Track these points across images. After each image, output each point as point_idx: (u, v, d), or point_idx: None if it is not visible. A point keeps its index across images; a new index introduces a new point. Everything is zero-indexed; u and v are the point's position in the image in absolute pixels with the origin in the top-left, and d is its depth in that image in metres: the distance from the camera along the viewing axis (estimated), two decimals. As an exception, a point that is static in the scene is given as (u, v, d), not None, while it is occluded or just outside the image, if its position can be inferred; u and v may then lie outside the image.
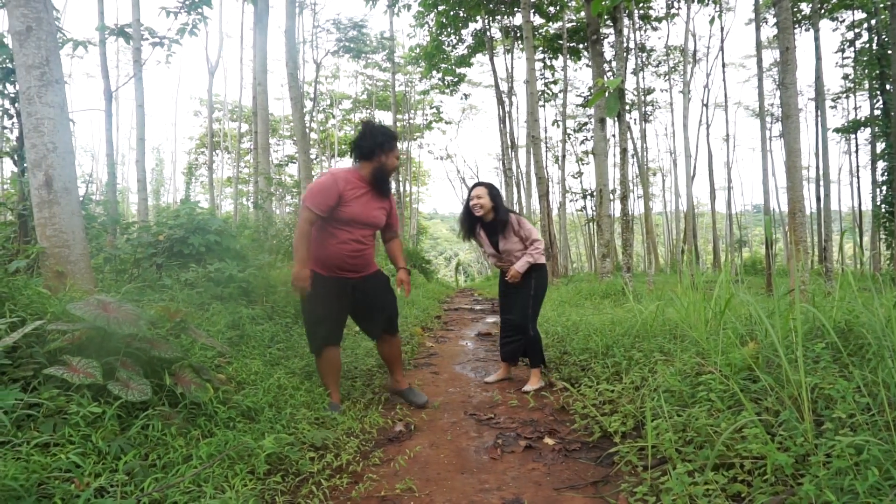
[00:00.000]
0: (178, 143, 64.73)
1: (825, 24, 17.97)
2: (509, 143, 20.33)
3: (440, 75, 19.69)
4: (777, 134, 25.67)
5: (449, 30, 17.48)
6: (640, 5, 17.05)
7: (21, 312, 2.68)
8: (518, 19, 17.08)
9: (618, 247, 17.75)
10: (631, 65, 17.19)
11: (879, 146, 16.45)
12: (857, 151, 22.33)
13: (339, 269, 3.35)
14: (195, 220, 5.09)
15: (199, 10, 7.34)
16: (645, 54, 21.66)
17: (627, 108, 17.91)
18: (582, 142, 25.56)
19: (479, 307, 10.70)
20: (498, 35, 19.58)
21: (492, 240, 4.14)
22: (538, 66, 19.69)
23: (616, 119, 9.81)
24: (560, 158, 23.00)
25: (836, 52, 19.04)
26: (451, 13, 16.60)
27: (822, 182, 13.49)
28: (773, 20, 17.04)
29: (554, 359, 4.61)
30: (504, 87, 20.45)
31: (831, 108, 23.74)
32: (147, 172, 9.91)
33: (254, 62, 10.11)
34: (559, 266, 17.48)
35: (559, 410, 3.49)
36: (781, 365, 2.36)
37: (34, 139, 3.37)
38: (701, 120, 26.76)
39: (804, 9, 15.75)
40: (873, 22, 14.99)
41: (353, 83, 32.32)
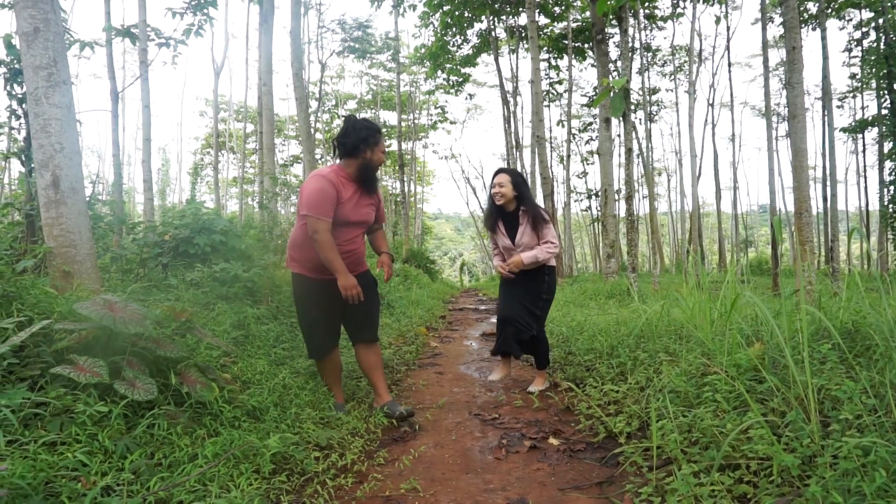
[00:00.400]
0: (183, 144, 65.14)
1: (832, 23, 17.93)
2: (514, 143, 20.31)
3: (445, 75, 19.67)
4: (783, 134, 25.59)
5: (454, 30, 17.46)
6: (646, 5, 17.00)
7: (28, 312, 2.70)
8: (523, 19, 17.09)
9: (623, 247, 17.71)
10: (636, 64, 17.17)
11: (887, 146, 16.35)
12: (864, 151, 22.23)
13: (331, 272, 3.17)
14: (201, 220, 5.11)
15: (205, 11, 7.38)
16: (650, 54, 21.59)
17: (633, 107, 17.86)
18: (587, 142, 25.54)
19: (483, 307, 10.70)
20: (503, 35, 19.57)
21: (510, 232, 3.89)
22: (543, 65, 19.67)
23: (621, 119, 9.79)
24: (565, 158, 23.01)
25: (843, 51, 18.95)
26: (456, 13, 16.59)
27: (828, 182, 13.41)
28: (779, 19, 16.97)
29: (559, 359, 4.60)
30: (509, 87, 20.45)
31: (838, 107, 23.60)
32: (153, 173, 9.95)
33: (259, 62, 10.13)
34: (564, 266, 17.46)
35: (564, 411, 3.48)
36: (788, 366, 2.35)
37: (41, 140, 3.39)
38: (706, 119, 26.62)
39: (811, 8, 15.66)
40: (881, 21, 14.90)
41: (357, 83, 32.39)
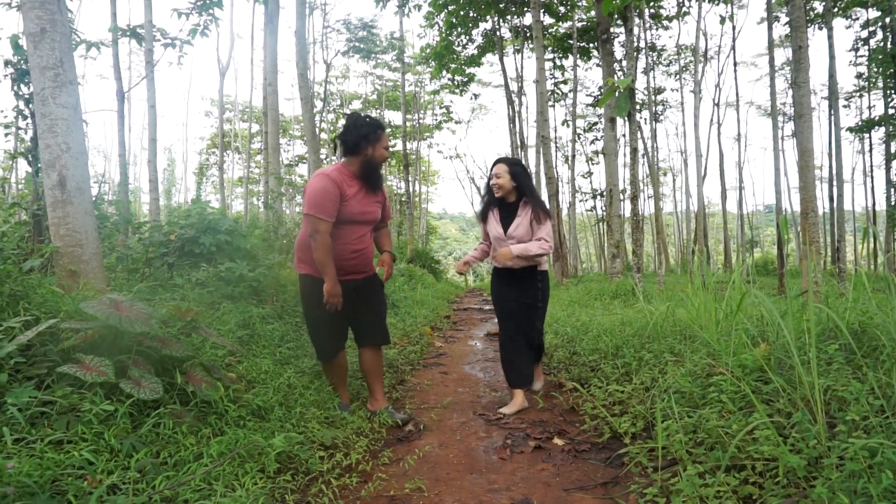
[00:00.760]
0: (189, 144, 65.28)
1: (839, 22, 17.81)
2: (519, 143, 20.28)
3: (450, 75, 19.68)
4: (789, 133, 25.46)
5: (459, 30, 17.46)
6: (651, 4, 16.96)
7: (35, 311, 2.71)
8: (528, 19, 17.05)
9: (628, 247, 17.65)
10: (641, 64, 17.11)
11: (894, 145, 16.28)
12: (871, 151, 22.15)
13: (341, 272, 3.16)
14: (206, 220, 5.12)
15: (210, 12, 7.39)
16: (656, 53, 21.55)
17: (638, 107, 17.80)
18: (592, 141, 25.49)
19: (488, 307, 10.69)
20: (508, 35, 19.55)
21: (504, 222, 3.62)
22: (548, 65, 19.65)
23: (626, 119, 9.77)
24: (570, 158, 22.96)
25: (849, 50, 18.88)
26: (461, 13, 16.59)
27: (835, 182, 13.35)
28: (785, 18, 16.89)
29: (564, 359, 4.60)
30: (514, 86, 20.43)
31: (844, 107, 23.51)
32: (159, 172, 9.99)
33: (264, 63, 10.15)
34: (569, 266, 17.43)
35: (568, 411, 3.48)
36: (794, 366, 2.34)
37: (48, 140, 3.40)
38: (712, 119, 26.58)
39: (817, 7, 15.60)
40: (888, 20, 14.82)
41: (362, 83, 32.41)
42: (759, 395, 2.49)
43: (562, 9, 17.41)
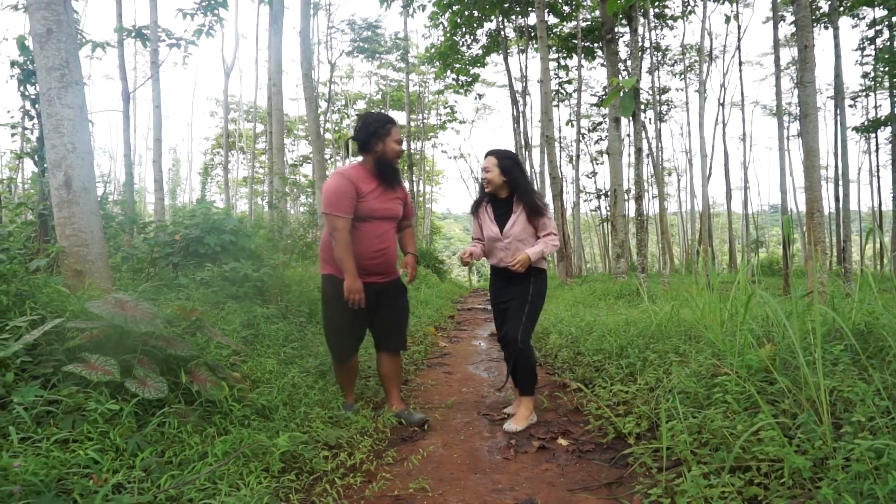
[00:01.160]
0: (194, 144, 65.63)
1: (845, 21, 17.74)
2: (523, 143, 20.28)
3: (454, 75, 19.67)
4: (795, 133, 25.37)
5: (463, 30, 17.46)
6: (656, 4, 16.91)
7: (41, 310, 2.72)
8: (532, 19, 17.04)
9: (632, 247, 17.62)
10: (646, 64, 17.09)
11: (900, 145, 16.20)
12: (877, 150, 22.01)
13: (364, 273, 3.14)
14: (211, 220, 5.14)
15: (215, 12, 7.42)
16: (660, 53, 21.48)
17: (642, 107, 17.77)
18: (596, 141, 25.47)
19: (492, 307, 10.67)
20: (512, 35, 19.54)
21: (499, 220, 3.37)
22: (552, 65, 19.61)
23: (631, 118, 9.75)
24: (574, 158, 22.95)
25: (855, 49, 18.79)
26: (466, 13, 16.59)
27: (840, 182, 13.28)
28: (791, 17, 16.83)
29: (568, 359, 4.59)
30: (518, 86, 20.41)
31: (850, 106, 23.35)
32: (164, 172, 10.03)
33: (269, 63, 10.18)
34: (573, 266, 17.40)
35: (573, 411, 3.47)
36: (799, 367, 2.33)
37: (54, 140, 3.42)
38: (717, 119, 26.45)
39: (823, 6, 15.52)
40: (894, 19, 14.75)
41: (367, 83, 32.53)
42: (765, 395, 2.48)
43: (566, 8, 17.38)
